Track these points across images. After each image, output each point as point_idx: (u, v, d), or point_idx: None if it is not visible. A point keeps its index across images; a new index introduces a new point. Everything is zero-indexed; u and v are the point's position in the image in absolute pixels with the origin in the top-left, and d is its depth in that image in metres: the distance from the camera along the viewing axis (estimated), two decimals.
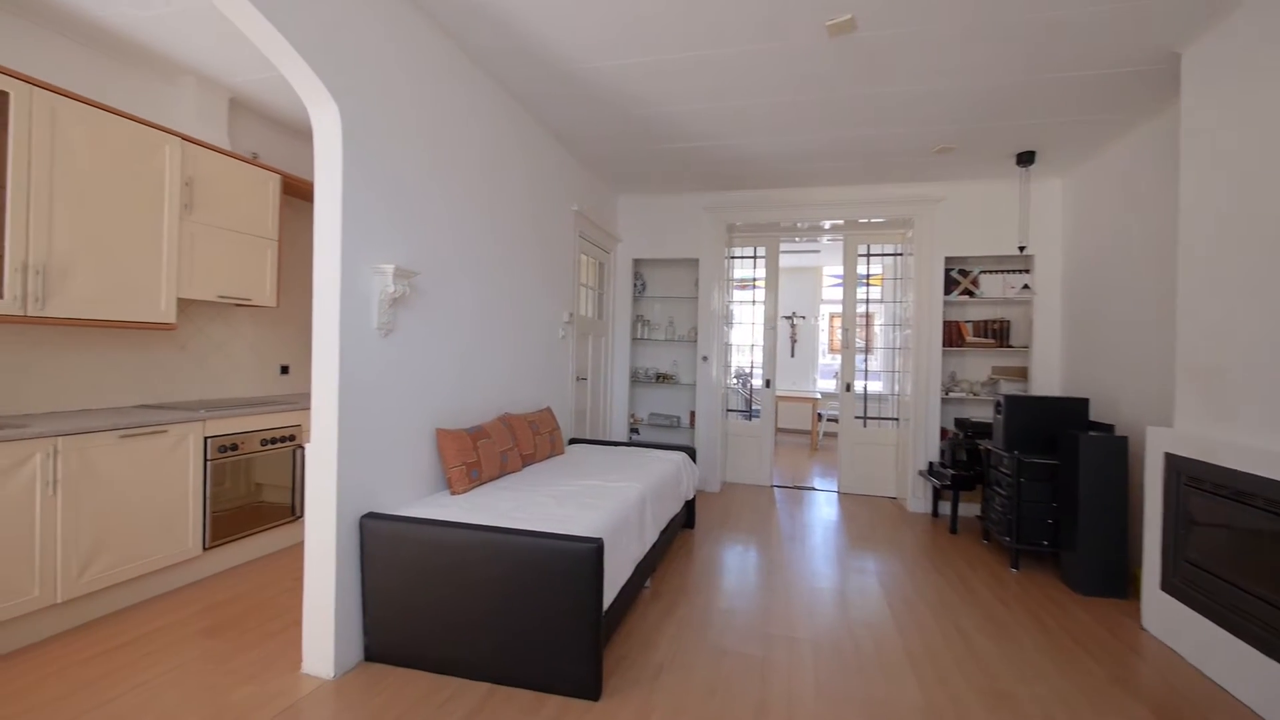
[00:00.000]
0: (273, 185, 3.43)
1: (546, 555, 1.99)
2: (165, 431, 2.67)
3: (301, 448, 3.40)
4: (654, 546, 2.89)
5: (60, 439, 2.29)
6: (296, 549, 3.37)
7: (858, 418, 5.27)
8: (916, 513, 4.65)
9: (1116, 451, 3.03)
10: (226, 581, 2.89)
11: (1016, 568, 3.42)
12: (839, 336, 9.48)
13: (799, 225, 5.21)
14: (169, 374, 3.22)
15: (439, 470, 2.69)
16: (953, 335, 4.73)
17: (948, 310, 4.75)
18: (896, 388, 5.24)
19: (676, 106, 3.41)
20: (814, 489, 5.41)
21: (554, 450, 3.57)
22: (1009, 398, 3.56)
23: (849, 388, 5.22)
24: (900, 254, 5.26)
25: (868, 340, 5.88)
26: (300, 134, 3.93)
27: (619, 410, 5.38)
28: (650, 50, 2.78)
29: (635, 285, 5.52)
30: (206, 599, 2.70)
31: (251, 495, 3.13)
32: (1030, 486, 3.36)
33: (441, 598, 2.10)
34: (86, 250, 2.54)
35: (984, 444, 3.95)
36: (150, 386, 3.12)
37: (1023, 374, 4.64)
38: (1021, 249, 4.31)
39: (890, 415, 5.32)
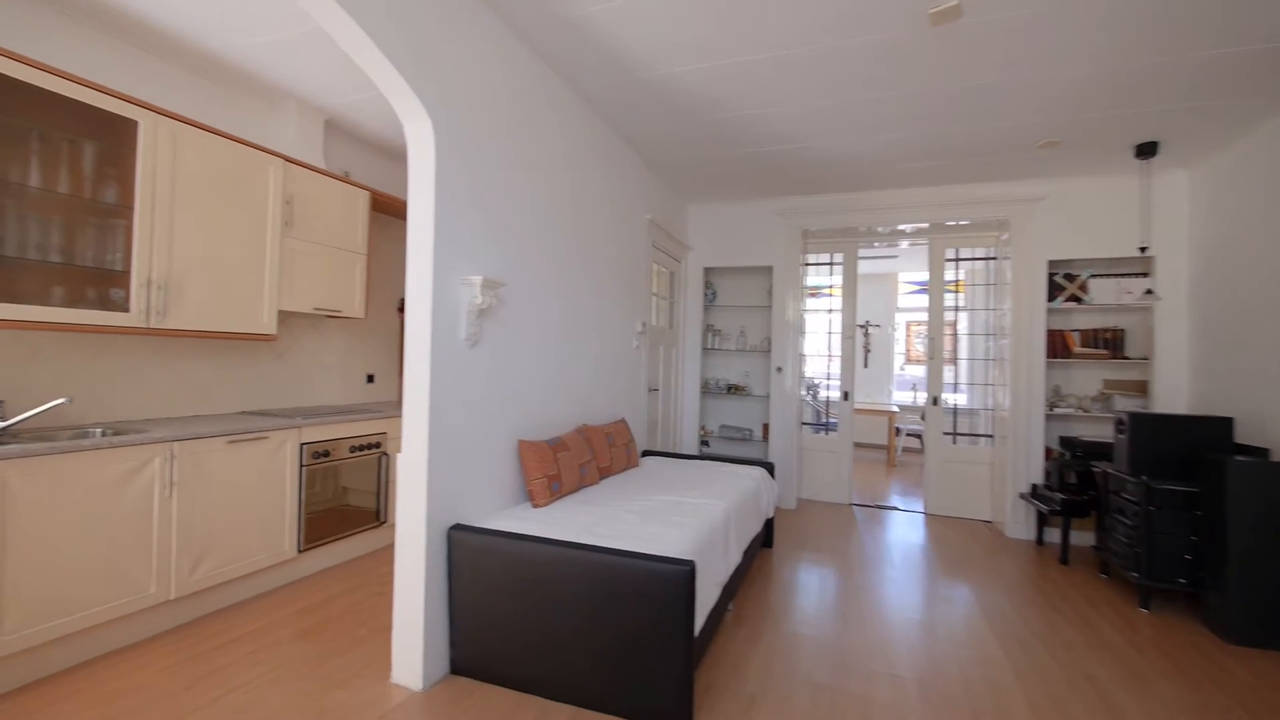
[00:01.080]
0: (362, 201, 3.58)
1: (636, 576, 1.90)
2: (266, 438, 2.80)
3: (386, 455, 3.50)
4: (736, 568, 2.76)
5: (176, 444, 2.43)
6: (381, 553, 3.45)
7: (946, 434, 4.91)
8: (1017, 539, 4.26)
9: (1276, 480, 2.64)
10: (318, 584, 2.99)
11: (1147, 608, 3.04)
12: (917, 346, 9.01)
13: (880, 230, 4.95)
14: (268, 382, 3.39)
15: (520, 482, 2.67)
16: (1057, 345, 4.33)
17: (1051, 318, 4.36)
18: (991, 401, 4.85)
19: (756, 110, 3.30)
20: (896, 509, 5.09)
21: (629, 463, 3.50)
22: (1134, 415, 3.19)
23: (936, 401, 4.88)
24: (994, 258, 4.89)
25: (953, 350, 5.51)
26: (385, 153, 4.10)
27: (689, 422, 5.27)
28: (733, 51, 2.69)
29: (706, 294, 5.41)
30: (300, 601, 2.79)
31: (338, 500, 3.23)
32: (1163, 516, 2.99)
33: (527, 614, 2.06)
34: (200, 266, 2.71)
35: (1100, 466, 3.57)
36: (251, 394, 3.30)
37: (1141, 389, 4.18)
38: (1143, 250, 3.89)
39: (982, 431, 4.93)
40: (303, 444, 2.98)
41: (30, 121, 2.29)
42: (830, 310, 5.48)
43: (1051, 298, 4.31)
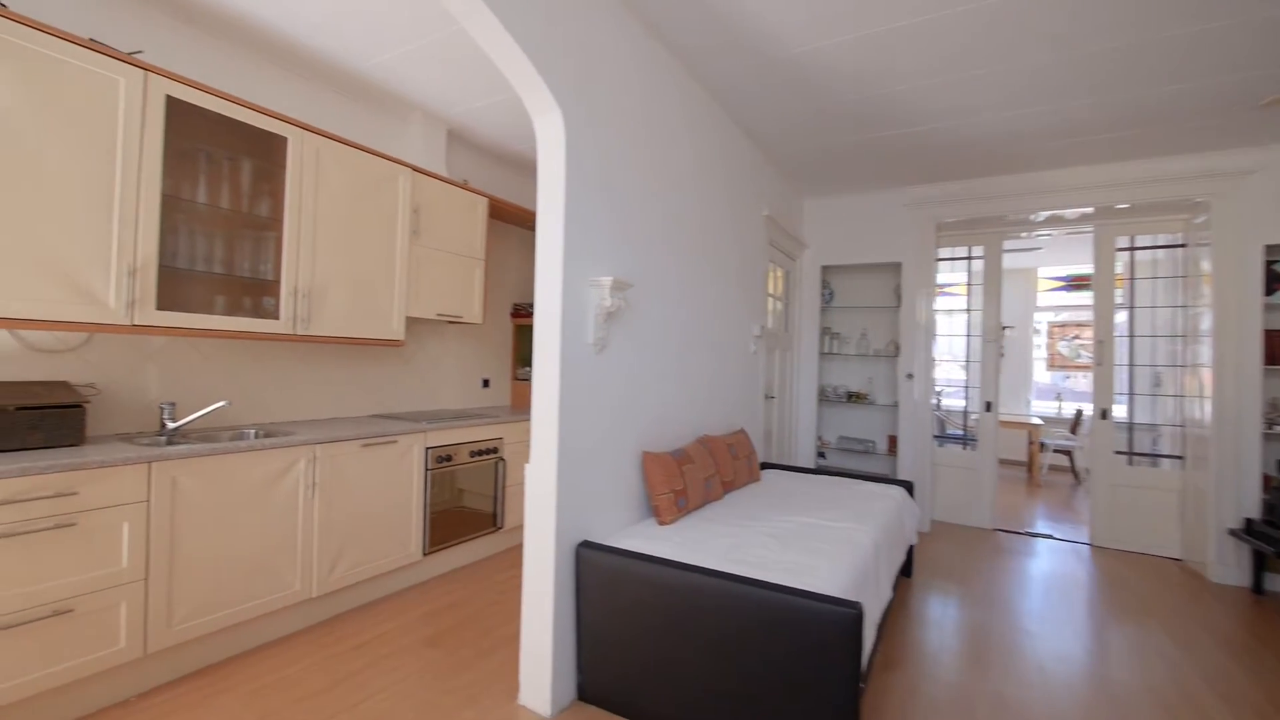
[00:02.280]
0: (481, 208, 3.61)
1: (793, 615, 1.66)
2: (396, 441, 2.85)
3: (503, 460, 3.49)
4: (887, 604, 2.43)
5: (319, 446, 2.51)
6: (498, 559, 3.44)
7: (1120, 453, 4.19)
8: (1223, 584, 3.52)
9: None
10: (441, 587, 3.01)
11: None
12: (1062, 350, 7.94)
13: (1032, 218, 4.33)
14: (395, 386, 3.49)
15: (643, 496, 2.51)
16: (1277, 349, 3.54)
17: (1269, 316, 3.57)
18: (1179, 416, 4.08)
19: (892, 86, 2.94)
20: (1051, 537, 4.42)
21: (751, 477, 3.25)
22: None
23: (1105, 414, 4.18)
24: (1181, 245, 4.12)
25: (1108, 355, 4.72)
26: (501, 160, 4.14)
27: (805, 432, 4.91)
28: (881, 18, 2.38)
29: (823, 294, 5.03)
30: (426, 604, 2.80)
31: (455, 502, 3.25)
32: None
33: (662, 644, 1.88)
34: (338, 275, 2.81)
35: None
36: (380, 397, 3.41)
37: None
38: None
39: (1166, 451, 4.16)
40: (428, 448, 3.02)
41: (199, 143, 2.45)
42: (968, 310, 4.89)
43: (1269, 291, 3.53)
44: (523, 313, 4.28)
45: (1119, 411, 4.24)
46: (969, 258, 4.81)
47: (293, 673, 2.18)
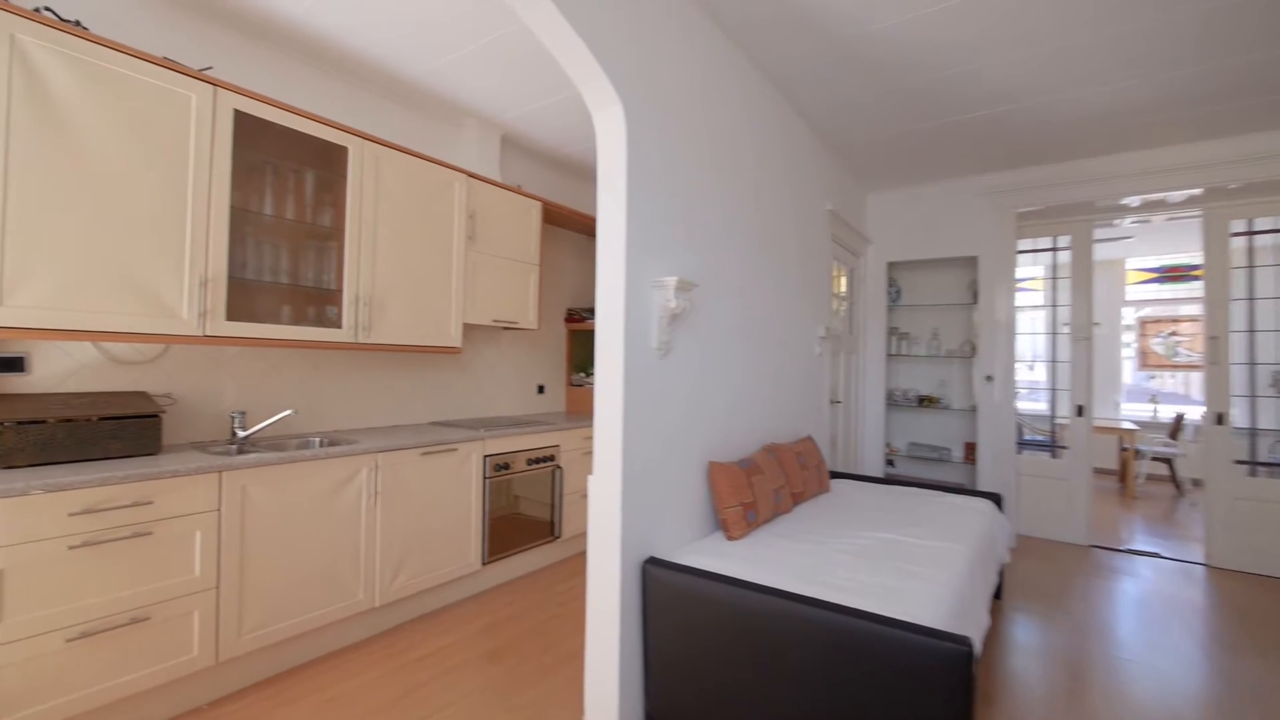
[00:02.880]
0: (535, 212, 3.57)
1: (889, 649, 1.49)
2: (456, 449, 2.82)
3: (560, 468, 3.42)
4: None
5: (381, 454, 2.50)
6: (556, 569, 3.37)
7: (1240, 462, 3.73)
8: None
9: None
10: (500, 599, 2.95)
11: None
12: (1156, 348, 7.26)
13: (1125, 203, 3.94)
14: (451, 393, 3.49)
15: (709, 509, 2.37)
16: None
17: None
18: None
19: (971, 64, 2.71)
20: (1157, 556, 3.98)
21: (821, 487, 3.05)
22: None
23: (1221, 419, 3.74)
24: None
25: (1223, 353, 4.23)
26: (554, 164, 4.10)
27: (872, 438, 4.64)
28: None
29: (889, 292, 4.74)
30: (485, 616, 2.75)
31: (514, 513, 3.19)
32: None
33: (735, 671, 1.73)
34: (398, 283, 2.81)
35: None
36: (438, 404, 3.40)
37: None
38: None
39: None
40: (486, 456, 2.98)
41: (264, 155, 2.50)
42: (1051, 305, 4.51)
43: None
44: (577, 318, 4.22)
45: (1236, 416, 3.78)
46: (1054, 249, 4.43)
47: (357, 685, 2.15)
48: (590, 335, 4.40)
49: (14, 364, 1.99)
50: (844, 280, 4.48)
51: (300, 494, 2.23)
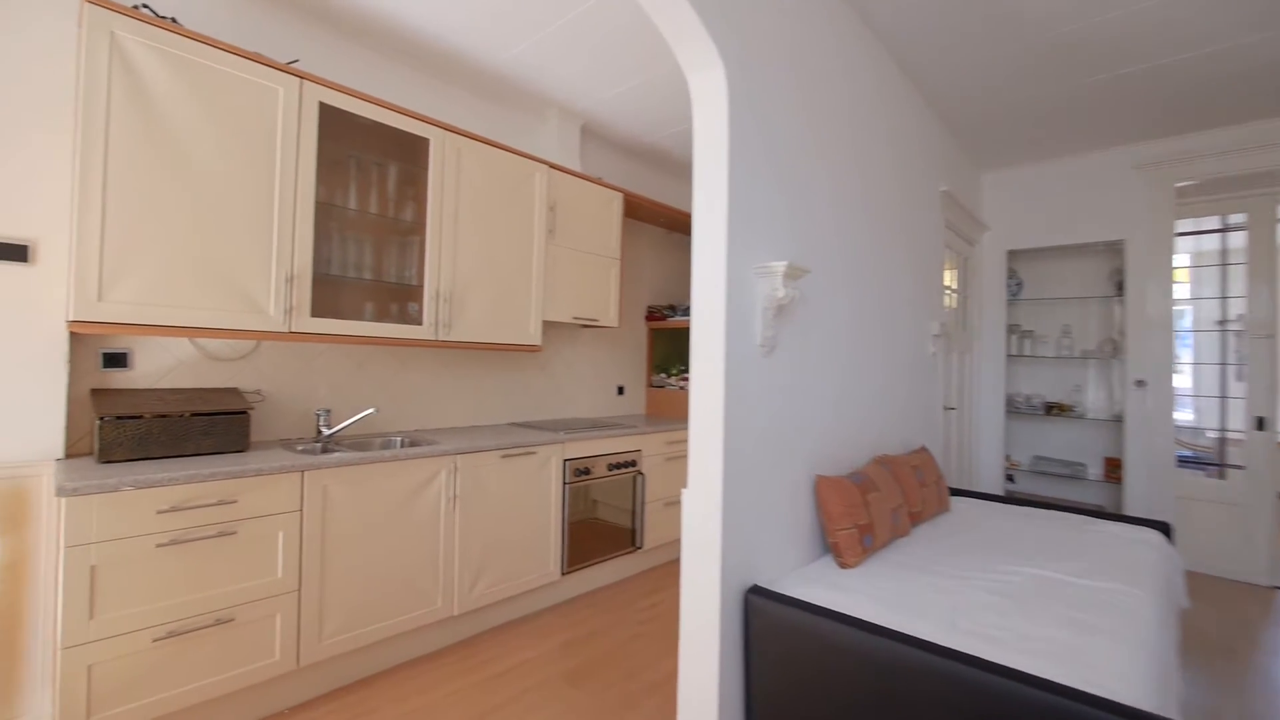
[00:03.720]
0: (616, 204, 3.39)
1: None
2: (535, 453, 2.68)
3: (641, 475, 3.22)
4: None
5: (460, 456, 2.39)
6: (636, 581, 3.17)
7: None
8: None
9: None
10: (579, 612, 2.78)
11: None
12: None
13: None
14: (530, 393, 3.37)
15: (815, 529, 2.07)
16: None
17: None
18: None
19: (1123, 7, 2.23)
20: None
21: (941, 506, 2.65)
22: None
23: None
24: None
25: None
26: (634, 155, 3.91)
27: (989, 450, 4.11)
28: None
29: (1009, 284, 4.19)
30: (564, 630, 2.58)
31: (593, 521, 3.01)
32: None
33: None
34: (478, 278, 2.71)
35: None
36: (516, 405, 3.30)
37: None
38: None
39: None
40: (565, 460, 2.82)
41: (348, 149, 2.46)
42: (1221, 298, 3.79)
43: None
44: (658, 316, 4.02)
45: None
46: (1224, 229, 3.72)
47: (436, 699, 2.04)
48: (672, 334, 4.18)
49: (119, 360, 2.03)
50: (959, 271, 3.99)
51: (380, 495, 2.15)
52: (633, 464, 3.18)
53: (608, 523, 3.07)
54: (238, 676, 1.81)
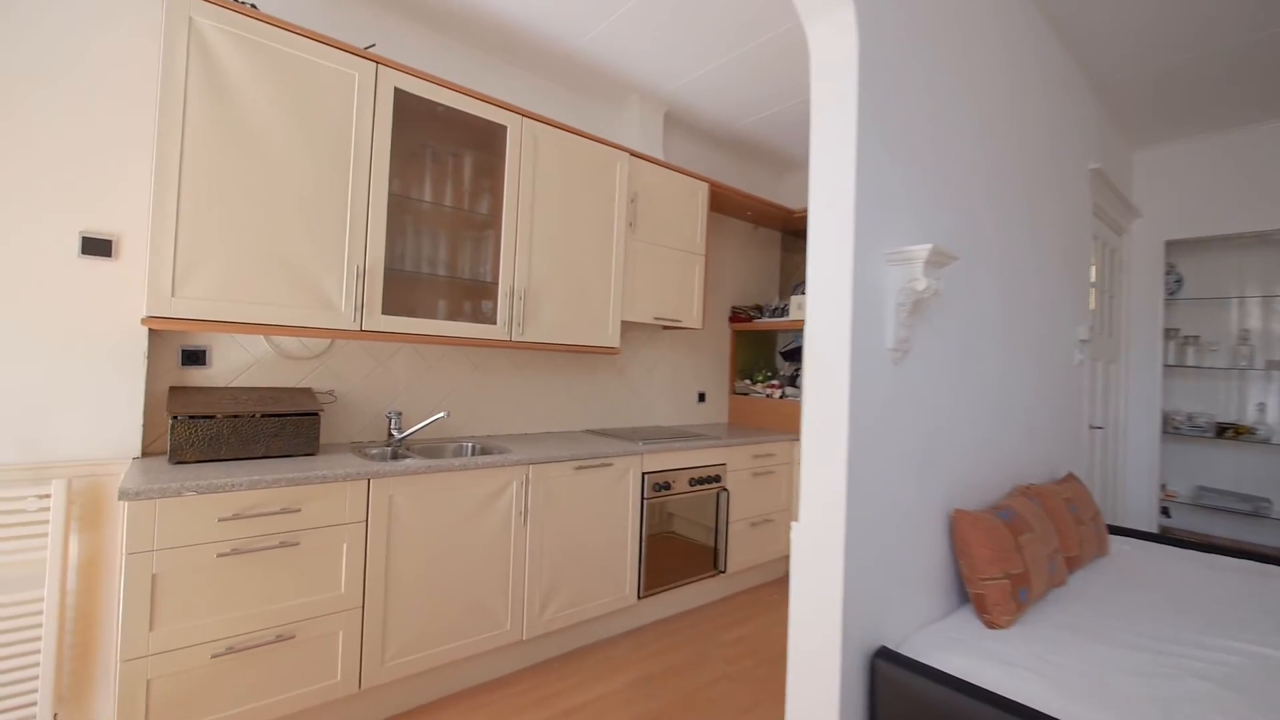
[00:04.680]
0: (701, 195, 3.12)
1: None
2: (611, 464, 2.45)
3: (726, 491, 2.92)
4: None
5: (531, 467, 2.20)
6: (717, 609, 2.87)
7: None
8: None
9: None
10: (658, 641, 2.52)
11: None
12: None
13: None
14: (606, 399, 3.16)
15: (949, 573, 1.70)
16: None
17: None
18: None
19: None
20: None
21: (1099, 549, 2.18)
22: None
23: None
24: None
25: None
26: (719, 144, 3.62)
27: (1140, 478, 3.47)
28: None
29: (1167, 281, 3.53)
30: (642, 663, 2.33)
31: (671, 540, 2.74)
32: None
33: None
34: (554, 275, 2.52)
35: None
36: (591, 411, 3.09)
37: None
38: None
39: None
40: (644, 473, 2.58)
41: (424, 139, 2.34)
42: None
43: None
44: (743, 317, 3.70)
45: None
46: None
47: None
48: (758, 337, 3.85)
49: (197, 357, 1.99)
50: (1104, 265, 3.40)
51: (447, 507, 1.99)
52: (716, 479, 2.88)
53: (685, 539, 2.79)
54: (297, 698, 1.69)
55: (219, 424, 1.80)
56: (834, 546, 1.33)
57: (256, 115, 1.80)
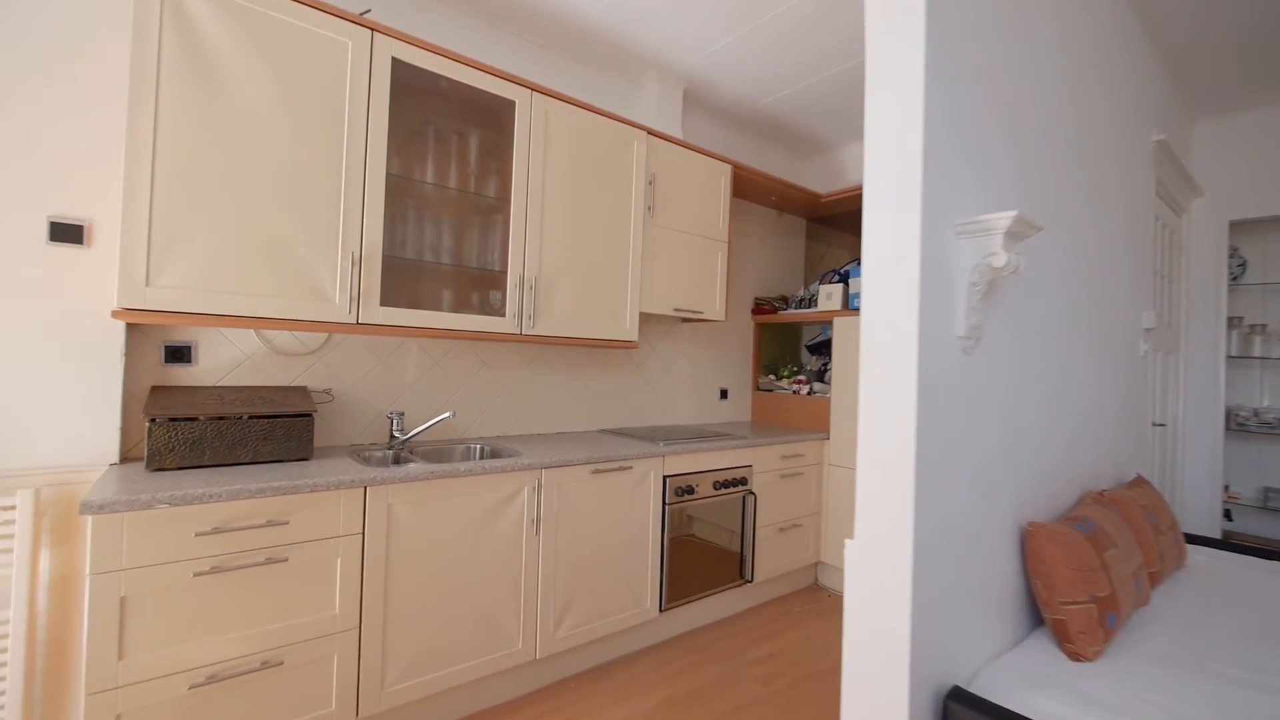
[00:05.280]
0: (724, 178, 2.91)
1: None
2: (630, 468, 2.26)
3: (753, 495, 2.72)
4: None
5: (544, 471, 2.02)
6: (746, 621, 2.67)
7: None
8: None
9: None
10: (680, 658, 2.33)
11: None
12: None
13: None
14: (623, 396, 2.97)
15: (1020, 594, 1.49)
16: None
17: None
18: None
19: None
20: None
21: (1178, 561, 1.94)
22: None
23: None
24: None
25: None
26: (737, 124, 3.40)
27: (1200, 478, 3.20)
28: None
29: (1230, 265, 3.25)
30: (665, 683, 2.14)
31: (693, 546, 2.54)
32: None
33: None
34: (567, 262, 2.33)
35: None
36: (607, 409, 2.90)
37: None
38: None
39: None
40: (665, 476, 2.39)
41: (425, 115, 2.17)
42: None
43: None
44: (767, 308, 3.49)
45: None
46: None
47: None
48: (783, 330, 3.64)
49: (181, 354, 1.83)
50: (1164, 246, 3.13)
51: (452, 516, 1.82)
52: (743, 482, 2.68)
53: (706, 544, 2.58)
54: None
55: (202, 426, 1.64)
56: (899, 568, 1.13)
57: (239, 86, 1.63)
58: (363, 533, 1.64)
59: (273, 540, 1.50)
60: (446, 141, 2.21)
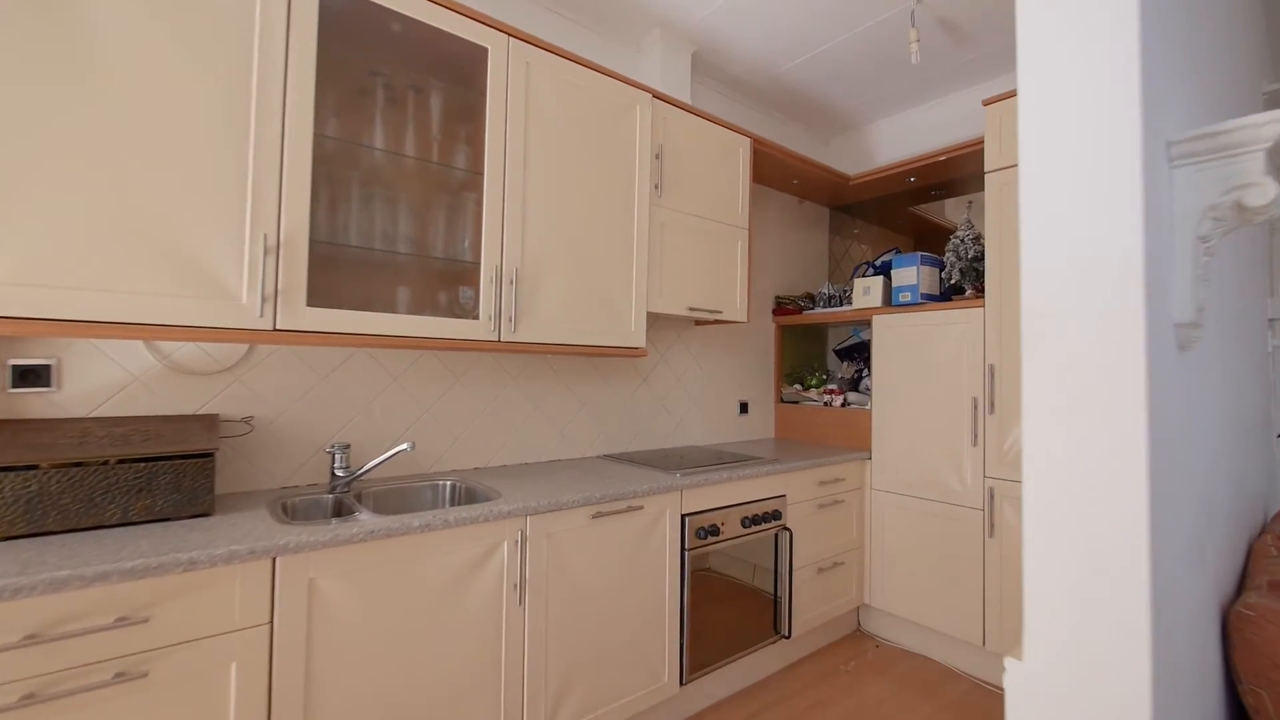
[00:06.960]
0: (743, 153, 2.47)
1: None
2: (640, 507, 1.79)
3: (788, 530, 2.24)
4: None
5: (530, 519, 1.54)
6: (783, 685, 2.18)
7: None
8: None
9: None
10: None
11: None
12: None
13: None
14: (629, 414, 2.49)
15: (1216, 688, 1.01)
16: None
17: None
18: None
19: None
20: None
21: None
22: None
23: None
24: None
25: None
26: (753, 96, 2.96)
27: None
28: None
29: None
30: None
31: (716, 596, 2.06)
32: None
33: None
34: (556, 251, 1.87)
35: None
36: (610, 431, 2.43)
37: None
38: None
39: None
40: (684, 515, 1.91)
41: (374, 65, 1.71)
42: None
43: None
44: (792, 308, 3.03)
45: None
46: None
47: None
48: (808, 333, 3.18)
49: (35, 376, 1.36)
50: None
51: (405, 588, 1.34)
52: (776, 516, 2.20)
53: (727, 579, 2.09)
54: None
55: (43, 478, 1.17)
56: (1135, 710, 0.65)
57: (98, 10, 1.18)
58: (270, 624, 1.17)
59: (126, 647, 1.02)
60: (401, 100, 1.76)
